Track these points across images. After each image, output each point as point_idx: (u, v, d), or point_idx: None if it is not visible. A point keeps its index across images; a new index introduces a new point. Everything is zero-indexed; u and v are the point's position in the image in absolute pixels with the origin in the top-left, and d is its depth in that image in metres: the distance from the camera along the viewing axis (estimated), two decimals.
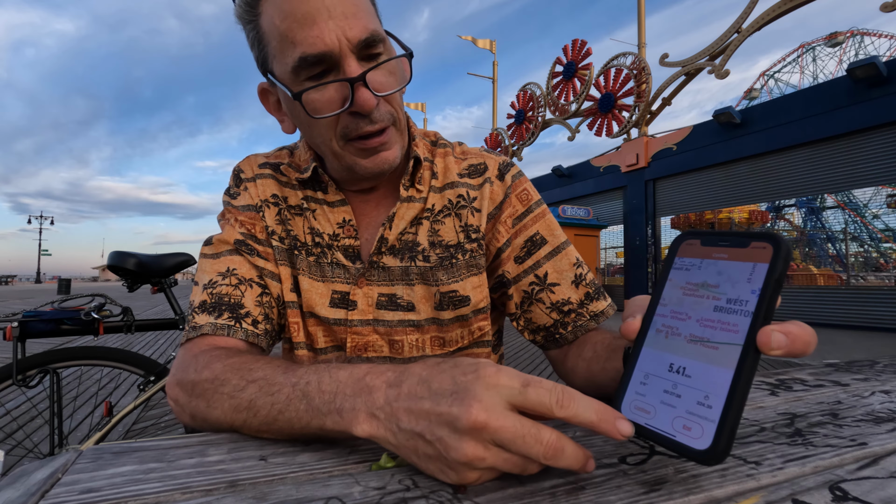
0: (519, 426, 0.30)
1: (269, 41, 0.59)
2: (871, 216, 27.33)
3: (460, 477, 0.30)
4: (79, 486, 0.32)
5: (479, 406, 0.30)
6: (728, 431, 0.27)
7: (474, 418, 0.29)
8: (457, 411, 0.30)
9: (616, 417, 0.30)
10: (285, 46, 0.56)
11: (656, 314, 0.34)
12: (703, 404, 0.29)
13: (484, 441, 0.30)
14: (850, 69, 7.34)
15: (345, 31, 0.55)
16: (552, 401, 0.30)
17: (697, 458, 0.28)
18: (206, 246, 0.69)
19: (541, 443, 0.29)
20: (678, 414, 0.30)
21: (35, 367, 1.52)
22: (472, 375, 0.32)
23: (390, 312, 0.69)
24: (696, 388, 0.29)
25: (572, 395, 0.30)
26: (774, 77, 39.22)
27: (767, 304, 0.29)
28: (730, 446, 0.28)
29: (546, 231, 0.73)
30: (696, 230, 0.35)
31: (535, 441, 0.29)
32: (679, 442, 0.29)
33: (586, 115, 11.90)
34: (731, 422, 0.27)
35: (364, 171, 0.64)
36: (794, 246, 21.21)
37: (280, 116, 0.68)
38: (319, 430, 0.38)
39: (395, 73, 0.62)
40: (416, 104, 21.52)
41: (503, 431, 0.29)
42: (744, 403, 0.28)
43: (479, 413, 0.29)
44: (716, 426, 0.28)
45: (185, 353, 0.57)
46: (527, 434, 0.29)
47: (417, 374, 0.35)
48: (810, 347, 0.29)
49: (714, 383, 0.29)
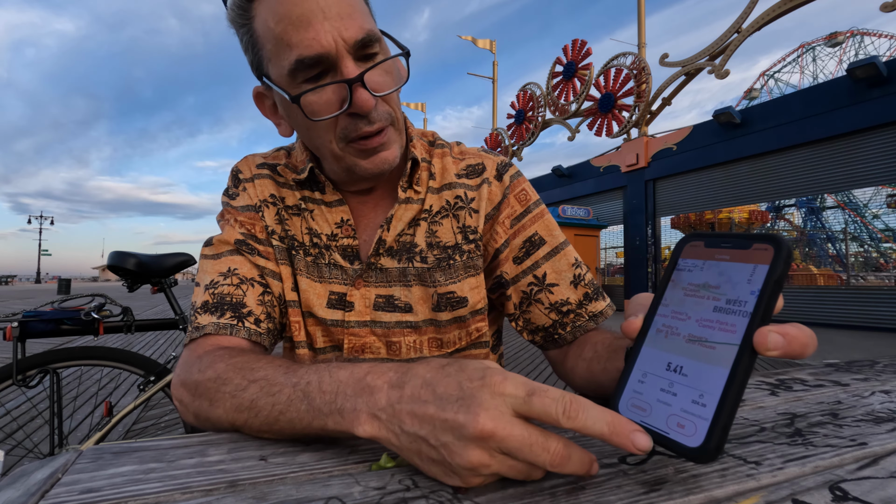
0: (526, 435, 0.29)
1: (263, 44, 0.58)
2: (871, 216, 27.34)
3: (463, 481, 0.30)
4: (79, 486, 0.32)
5: (485, 415, 0.29)
6: (720, 430, 0.28)
7: (481, 427, 0.29)
8: (463, 419, 0.30)
9: (631, 430, 0.29)
10: (281, 49, 0.56)
11: (657, 314, 0.34)
12: (697, 403, 0.29)
13: (489, 449, 0.29)
14: (850, 69, 7.34)
15: (341, 32, 0.55)
16: (558, 411, 0.29)
17: (689, 456, 0.28)
18: (206, 247, 0.69)
19: (548, 451, 0.29)
20: (673, 412, 0.30)
21: (35, 367, 1.52)
22: (478, 382, 0.31)
23: (387, 314, 0.69)
24: (691, 386, 0.30)
25: (581, 405, 0.29)
26: (774, 77, 39.23)
27: (766, 305, 0.29)
28: (722, 445, 0.28)
29: (545, 231, 0.73)
30: (701, 232, 0.35)
31: (542, 449, 0.29)
32: (672, 439, 0.29)
33: (586, 115, 11.89)
34: (724, 420, 0.28)
35: (364, 172, 0.63)
36: (794, 246, 21.23)
37: (277, 120, 0.67)
38: (321, 430, 0.38)
39: (391, 72, 0.61)
40: (415, 104, 21.49)
41: (510, 440, 0.29)
42: (738, 403, 0.28)
43: (486, 422, 0.29)
44: (709, 424, 0.28)
45: (189, 354, 0.57)
46: (534, 443, 0.29)
47: (421, 377, 0.34)
48: (808, 350, 0.29)
49: (709, 382, 0.29)
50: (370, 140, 0.61)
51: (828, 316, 8.09)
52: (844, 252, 15.60)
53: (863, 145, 7.57)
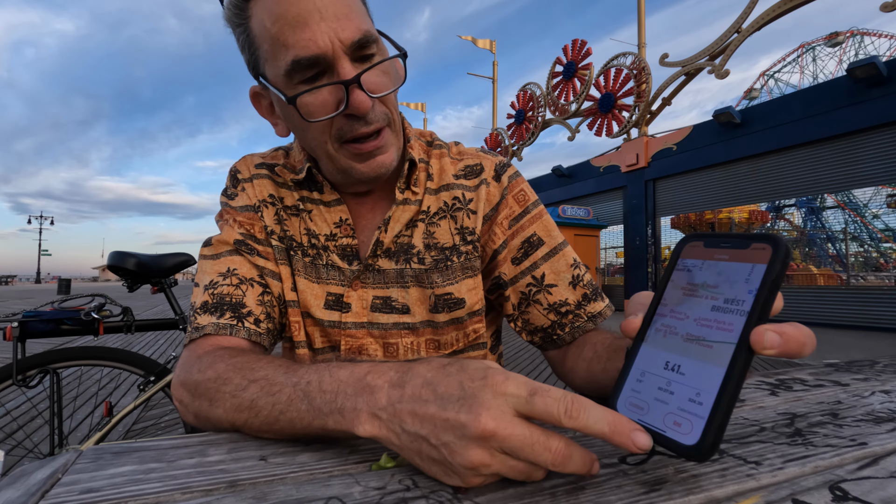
0: (528, 434, 0.29)
1: (260, 44, 0.58)
2: (871, 216, 27.34)
3: (464, 481, 0.30)
4: (79, 486, 0.32)
5: (487, 414, 0.29)
6: (716, 428, 0.28)
7: (483, 426, 0.29)
8: (465, 418, 0.30)
9: (632, 429, 0.29)
10: (277, 50, 0.56)
11: (657, 314, 0.34)
12: (694, 401, 0.29)
13: (491, 449, 0.29)
14: (849, 69, 7.33)
15: (337, 33, 0.55)
16: (560, 411, 0.29)
17: (685, 454, 0.28)
18: (205, 247, 0.69)
19: (549, 450, 0.29)
20: (670, 410, 0.30)
21: (35, 368, 1.52)
22: (480, 382, 0.31)
23: (385, 315, 0.69)
24: (688, 385, 0.30)
25: (582, 404, 0.29)
26: (774, 77, 39.23)
27: (763, 304, 0.29)
28: (718, 443, 0.28)
29: (543, 232, 0.73)
30: (701, 233, 0.35)
31: (543, 449, 0.29)
32: (668, 437, 0.29)
33: (586, 115, 11.89)
34: (720, 419, 0.28)
35: (360, 175, 0.63)
36: (793, 246, 21.21)
37: (273, 120, 0.67)
38: (321, 430, 0.38)
39: (389, 73, 0.61)
40: (415, 104, 21.47)
41: (512, 440, 0.29)
42: (734, 401, 0.28)
43: (488, 421, 0.29)
44: (705, 422, 0.28)
45: (189, 354, 0.57)
46: (535, 442, 0.29)
47: (422, 376, 0.34)
48: (806, 349, 0.29)
49: (706, 381, 0.29)
50: (365, 144, 0.61)
51: (828, 316, 8.09)
52: (844, 252, 15.61)
53: (863, 145, 7.57)
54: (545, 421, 0.30)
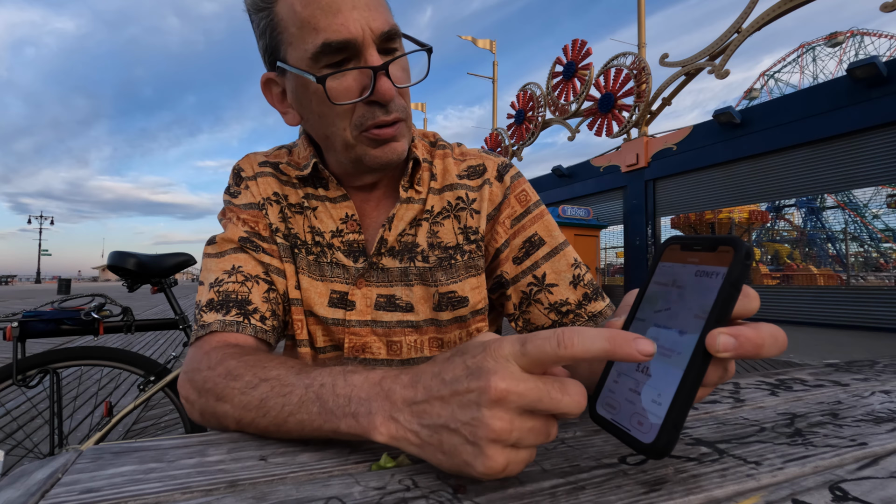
0: (541, 385, 0.30)
1: (285, 28, 0.59)
2: (871, 216, 27.35)
3: (490, 461, 0.29)
4: (79, 486, 0.32)
5: (496, 377, 0.29)
6: (671, 427, 0.29)
7: (494, 388, 0.29)
8: (476, 385, 0.30)
9: (633, 338, 0.28)
10: (306, 33, 0.57)
11: (636, 317, 0.35)
12: (655, 402, 0.30)
13: (509, 411, 0.29)
14: (850, 69, 7.33)
15: (369, 22, 0.57)
16: (553, 345, 0.29)
17: (643, 451, 0.30)
18: (209, 245, 0.69)
19: (567, 393, 0.30)
20: (636, 410, 0.31)
21: (35, 367, 1.52)
22: (480, 355, 0.32)
23: (388, 313, 0.69)
24: (652, 386, 0.31)
25: (573, 331, 0.29)
26: (774, 77, 39.24)
27: (721, 307, 0.29)
28: (672, 442, 0.29)
29: (544, 232, 0.73)
30: (680, 236, 0.36)
31: (560, 393, 0.30)
32: (631, 435, 0.31)
33: (586, 115, 11.90)
34: (675, 419, 0.29)
35: (373, 162, 0.64)
36: (794, 246, 21.18)
37: (284, 108, 0.67)
38: (332, 433, 0.38)
39: (408, 70, 0.64)
40: (415, 104, 21.50)
41: (527, 394, 0.29)
42: (690, 403, 0.29)
43: (499, 382, 0.29)
44: (661, 422, 0.29)
45: (196, 351, 0.57)
46: (551, 388, 0.30)
47: (430, 372, 0.34)
48: (764, 350, 0.29)
49: (666, 383, 0.30)
50: (384, 130, 0.61)
51: (828, 316, 8.08)
52: (844, 252, 15.60)
53: (863, 145, 7.57)
54: (544, 362, 0.30)
